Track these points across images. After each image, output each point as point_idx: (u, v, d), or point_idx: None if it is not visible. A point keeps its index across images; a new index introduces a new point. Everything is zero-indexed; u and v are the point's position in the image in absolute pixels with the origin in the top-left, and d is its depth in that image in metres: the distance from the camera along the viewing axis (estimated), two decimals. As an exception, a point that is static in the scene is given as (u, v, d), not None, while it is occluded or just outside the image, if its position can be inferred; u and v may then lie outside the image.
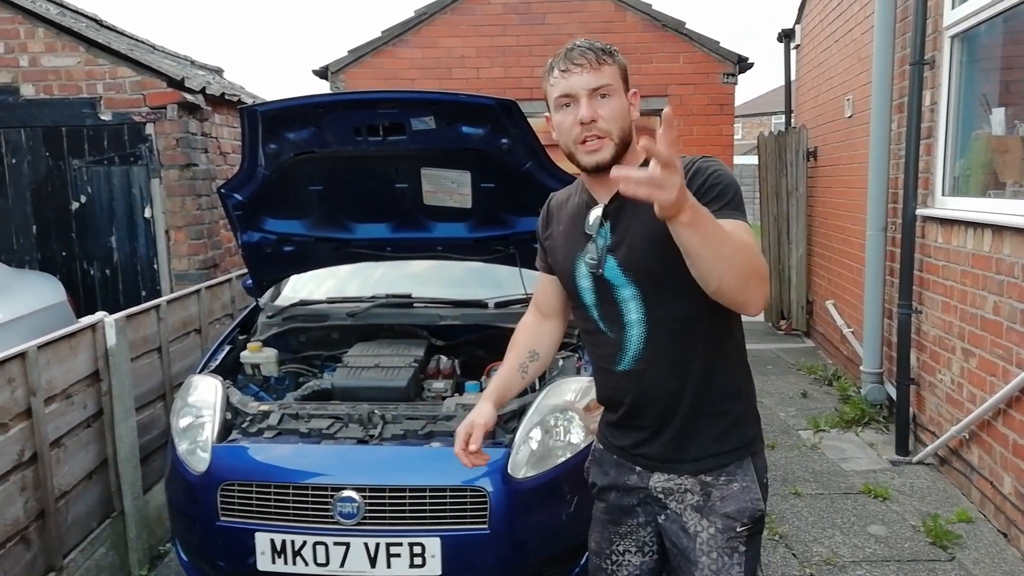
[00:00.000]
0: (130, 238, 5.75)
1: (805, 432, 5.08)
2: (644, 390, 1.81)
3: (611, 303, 1.79)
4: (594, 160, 1.71)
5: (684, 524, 1.82)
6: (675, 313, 1.74)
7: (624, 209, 1.73)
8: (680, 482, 1.82)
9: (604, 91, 1.69)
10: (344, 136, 2.95)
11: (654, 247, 1.66)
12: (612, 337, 1.81)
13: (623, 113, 1.72)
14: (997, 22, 4.00)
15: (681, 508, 1.83)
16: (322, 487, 2.58)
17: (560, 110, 1.73)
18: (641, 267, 1.72)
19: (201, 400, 2.96)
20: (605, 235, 1.77)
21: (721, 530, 1.79)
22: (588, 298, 1.83)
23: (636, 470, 1.89)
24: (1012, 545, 3.52)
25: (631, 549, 1.93)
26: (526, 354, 2.05)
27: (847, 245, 6.38)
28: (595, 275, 1.79)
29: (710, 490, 1.80)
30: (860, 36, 5.92)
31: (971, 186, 4.30)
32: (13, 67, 5.57)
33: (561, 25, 7.51)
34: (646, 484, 1.86)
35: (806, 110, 8.22)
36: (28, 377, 2.82)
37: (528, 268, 3.48)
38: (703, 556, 1.79)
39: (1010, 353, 3.54)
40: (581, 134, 1.69)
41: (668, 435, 1.82)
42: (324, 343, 3.64)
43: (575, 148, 1.73)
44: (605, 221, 1.77)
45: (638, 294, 1.75)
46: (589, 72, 1.68)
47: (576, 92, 1.69)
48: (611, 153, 1.70)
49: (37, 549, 2.86)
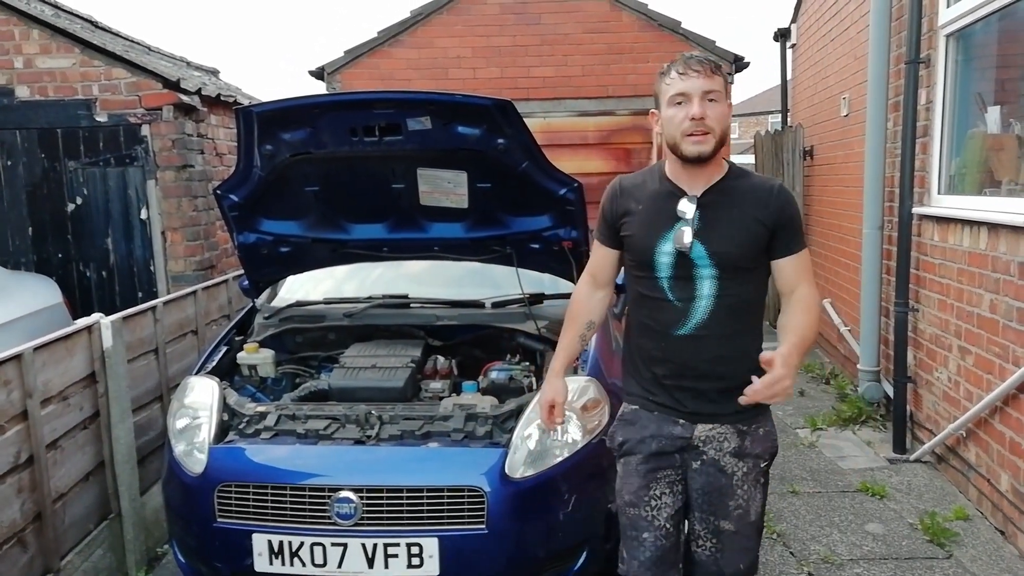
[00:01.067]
0: (126, 239, 5.74)
1: (803, 430, 5.08)
2: (698, 352, 2.14)
3: (687, 278, 2.11)
4: (697, 150, 2.04)
5: (722, 466, 2.17)
6: (739, 294, 2.12)
7: (717, 204, 2.11)
8: (721, 431, 2.18)
9: (713, 96, 2.03)
10: (340, 137, 2.95)
11: (740, 241, 2.08)
12: (679, 306, 2.13)
13: (725, 117, 2.07)
14: (992, 21, 4.01)
15: (719, 454, 2.17)
16: (319, 488, 2.58)
17: (673, 106, 2.06)
18: (724, 254, 2.08)
19: (198, 401, 2.95)
20: (695, 221, 2.09)
21: (752, 467, 2.18)
22: (664, 271, 2.13)
23: (680, 422, 2.20)
24: (1009, 542, 3.53)
25: (666, 492, 2.22)
26: (584, 325, 2.38)
27: (844, 244, 6.39)
28: (680, 252, 2.09)
29: (745, 436, 2.17)
30: (856, 35, 5.93)
31: (967, 184, 4.30)
32: (8, 69, 5.56)
33: (557, 25, 7.51)
34: (690, 434, 2.19)
35: (802, 109, 8.23)
36: (24, 379, 2.81)
37: (524, 268, 3.49)
38: (739, 489, 2.17)
39: (1007, 351, 3.54)
40: (691, 127, 2.02)
41: (716, 394, 2.15)
42: (321, 344, 3.64)
43: (681, 139, 2.05)
44: (697, 211, 2.10)
45: (716, 274, 2.10)
46: (704, 77, 2.02)
47: (691, 92, 2.02)
48: (711, 147, 2.04)
49: (34, 551, 2.86)
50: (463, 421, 2.78)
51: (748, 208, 2.09)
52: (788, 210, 2.11)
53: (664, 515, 2.21)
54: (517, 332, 3.41)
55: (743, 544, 2.22)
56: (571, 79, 7.60)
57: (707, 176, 2.11)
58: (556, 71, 7.56)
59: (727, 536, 2.20)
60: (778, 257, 2.13)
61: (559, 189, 3.10)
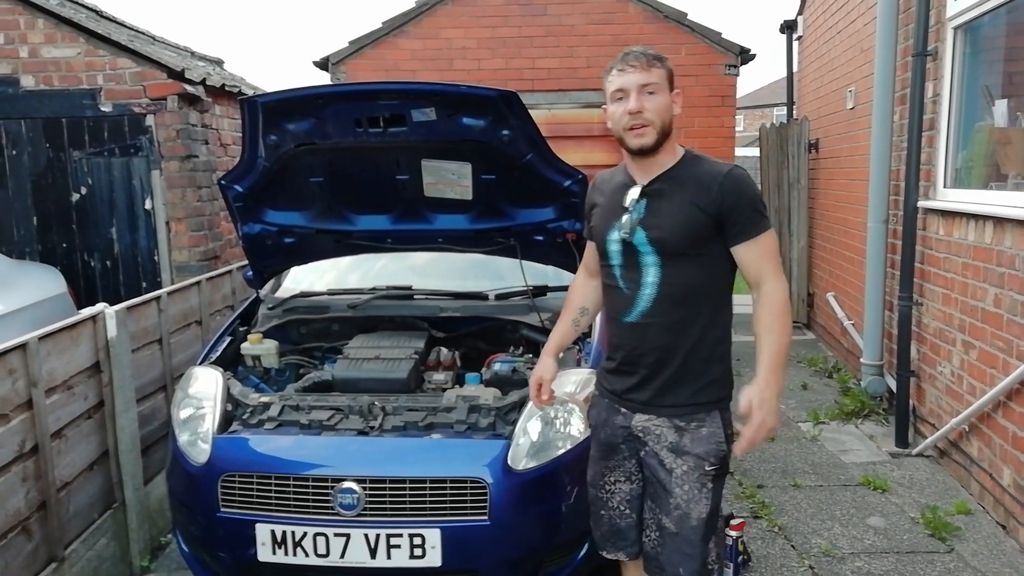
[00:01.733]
0: (131, 230, 5.75)
1: (805, 424, 5.09)
2: (644, 341, 2.19)
3: (634, 266, 2.17)
4: (638, 143, 2.11)
5: (661, 460, 2.19)
6: (684, 282, 2.13)
7: (662, 193, 2.15)
8: (658, 423, 2.20)
9: (651, 88, 2.09)
10: (345, 127, 2.94)
11: (680, 230, 2.10)
12: (628, 293, 2.19)
13: (665, 108, 2.11)
14: (1000, 13, 3.99)
15: (658, 447, 2.20)
16: (322, 478, 2.58)
17: (615, 102, 2.13)
18: (662, 240, 2.12)
19: (202, 391, 2.96)
20: (640, 210, 2.17)
21: (693, 467, 2.16)
22: (615, 259, 2.21)
23: (622, 411, 2.28)
24: (1011, 537, 3.53)
25: (620, 479, 2.32)
26: (578, 311, 2.49)
27: (848, 237, 6.37)
28: (625, 241, 2.16)
29: (682, 433, 2.18)
30: (863, 27, 5.90)
31: (973, 178, 4.29)
32: (13, 58, 5.56)
33: (562, 16, 7.48)
34: (629, 424, 2.25)
35: (808, 102, 8.20)
36: (29, 368, 2.82)
37: (528, 260, 3.49)
38: (677, 488, 2.17)
39: (1010, 345, 3.54)
40: (629, 122, 2.09)
41: (656, 384, 2.20)
42: (325, 335, 3.64)
43: (624, 133, 2.12)
44: (642, 199, 2.17)
45: (658, 262, 2.14)
46: (640, 72, 2.08)
47: (628, 87, 2.09)
48: (653, 139, 2.10)
49: (39, 540, 2.87)
50: (466, 413, 2.79)
51: (689, 195, 2.11)
52: (733, 196, 2.09)
53: (617, 499, 2.33)
54: (520, 324, 3.41)
55: (684, 549, 2.19)
56: (576, 70, 7.57)
57: (658, 165, 2.16)
58: (561, 62, 7.53)
59: (668, 535, 2.20)
60: (733, 244, 2.12)
61: (563, 181, 3.10)
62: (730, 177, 2.10)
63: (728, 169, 2.13)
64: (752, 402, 1.99)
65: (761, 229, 2.11)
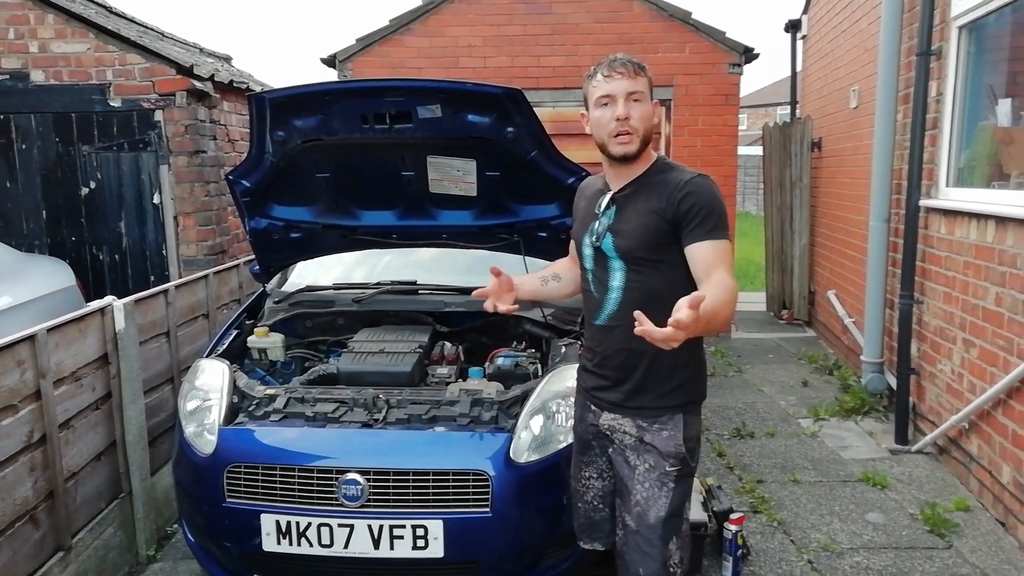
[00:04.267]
0: (139, 224, 5.80)
1: (805, 420, 5.11)
2: (612, 344, 2.24)
3: (602, 269, 2.23)
4: (623, 151, 2.12)
5: (626, 457, 2.25)
6: (647, 287, 2.15)
7: (629, 199, 2.19)
8: (622, 423, 2.26)
9: (637, 96, 2.10)
10: (351, 124, 2.97)
11: (643, 236, 2.13)
12: (597, 296, 2.26)
13: (648, 116, 2.14)
14: (1005, 12, 4.00)
15: (622, 445, 2.26)
16: (327, 470, 2.62)
17: (599, 107, 2.13)
18: (629, 247, 2.15)
19: (208, 384, 3.00)
20: (610, 216, 2.20)
21: (653, 466, 2.20)
22: (588, 263, 2.28)
23: (592, 409, 2.35)
24: (1010, 534, 3.55)
25: (593, 475, 2.40)
26: (551, 274, 2.60)
27: (850, 236, 6.39)
28: (595, 246, 2.22)
29: (643, 433, 2.22)
30: (867, 27, 5.91)
31: (975, 177, 4.31)
32: (23, 53, 5.60)
33: (567, 15, 7.50)
34: (598, 422, 2.33)
35: (811, 101, 8.20)
36: (37, 359, 2.86)
37: (532, 256, 3.52)
38: (638, 485, 2.22)
39: (1011, 344, 3.56)
40: (616, 128, 2.09)
41: (624, 388, 2.24)
42: (330, 328, 3.68)
43: (608, 140, 2.12)
44: (611, 205, 2.21)
45: (624, 267, 2.18)
46: (628, 79, 2.09)
47: (615, 93, 2.09)
48: (636, 147, 2.12)
49: (46, 528, 2.91)
50: (469, 406, 2.82)
51: (652, 202, 2.12)
52: (688, 201, 2.06)
53: (591, 494, 2.41)
54: (523, 319, 3.44)
55: (642, 547, 2.21)
56: (581, 68, 7.52)
57: (631, 172, 2.19)
58: (566, 60, 7.55)
59: (630, 533, 2.24)
60: (685, 244, 2.09)
61: (567, 178, 3.12)
62: (691, 183, 2.10)
63: (691, 176, 2.12)
64: (682, 319, 1.70)
65: (715, 235, 2.06)
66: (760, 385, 5.93)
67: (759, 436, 4.82)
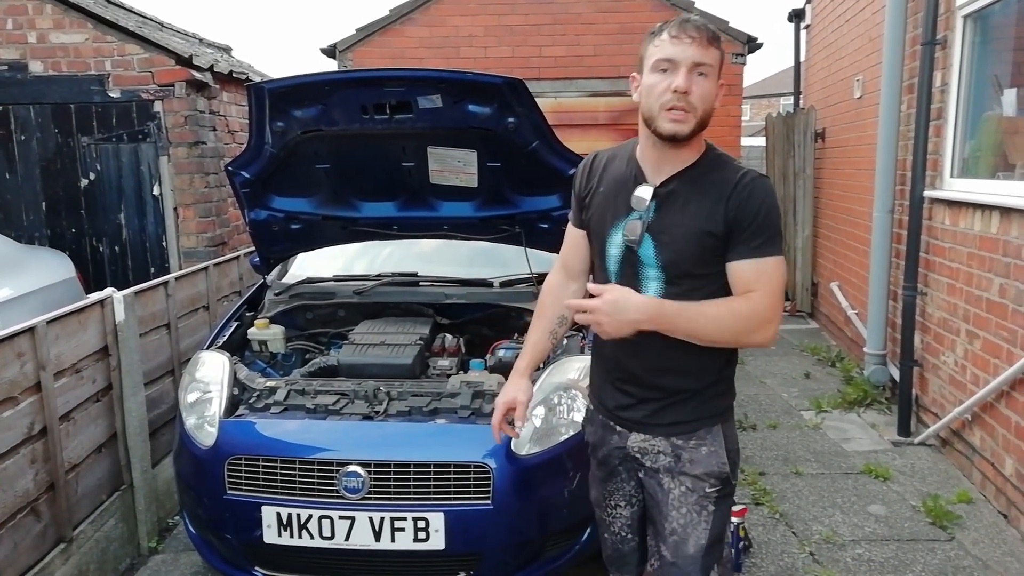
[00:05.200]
0: (139, 215, 5.78)
1: (807, 412, 5.10)
2: (637, 360, 1.92)
3: (633, 276, 1.87)
4: (673, 129, 1.75)
5: (660, 481, 1.96)
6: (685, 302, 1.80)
7: (676, 196, 1.83)
8: (654, 443, 1.96)
9: (704, 70, 1.74)
10: (351, 114, 2.95)
11: (694, 244, 1.80)
12: None
13: (712, 96, 1.77)
14: (1011, 2, 3.97)
15: (655, 467, 1.96)
16: (328, 462, 2.61)
17: (656, 72, 1.75)
18: (675, 258, 1.81)
19: (209, 376, 2.99)
20: (650, 214, 1.84)
21: (691, 489, 1.92)
22: (613, 266, 1.91)
23: (617, 430, 2.03)
24: (1012, 526, 3.55)
25: (620, 503, 2.09)
26: (555, 320, 2.14)
27: (853, 227, 6.36)
28: (629, 247, 1.86)
29: (680, 452, 1.93)
30: (871, 16, 5.88)
31: (980, 168, 4.28)
32: (21, 43, 5.58)
33: (569, 4, 7.46)
34: (624, 444, 2.01)
35: (815, 91, 8.16)
36: (37, 351, 2.85)
37: (533, 248, 3.50)
38: (673, 511, 1.93)
39: (1015, 335, 3.54)
40: (671, 101, 1.73)
41: (651, 406, 1.95)
42: (331, 320, 3.67)
43: (659, 113, 1.75)
44: (651, 201, 1.83)
45: (662, 277, 1.84)
46: (697, 47, 1.72)
47: (679, 60, 1.72)
48: (690, 129, 1.75)
49: (47, 520, 2.91)
50: (470, 398, 2.81)
51: (703, 204, 1.79)
52: (745, 208, 1.76)
53: (618, 524, 2.12)
54: (525, 311, 3.42)
55: None
56: (582, 59, 7.56)
57: (677, 161, 1.83)
58: (568, 51, 7.52)
59: (666, 565, 1.95)
60: (731, 260, 1.78)
61: (569, 168, 3.10)
62: (751, 186, 1.78)
63: (752, 176, 1.80)
64: (614, 293, 1.71)
65: (763, 252, 1.77)
66: (762, 377, 5.91)
67: (761, 428, 4.81)
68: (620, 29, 7.44)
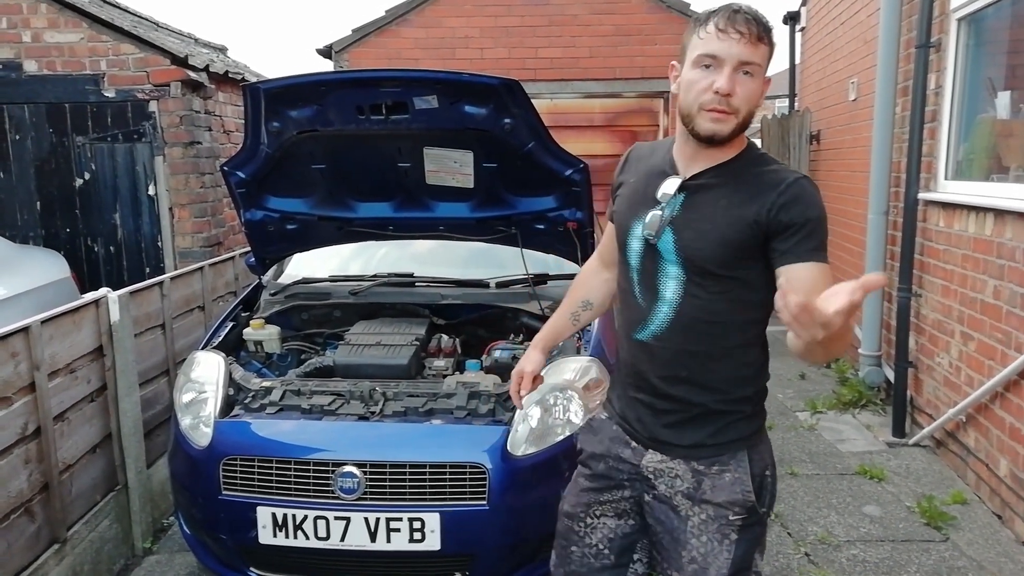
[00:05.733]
0: (134, 215, 5.77)
1: (802, 413, 5.11)
2: (655, 367, 1.79)
3: (653, 273, 1.76)
4: (712, 129, 1.65)
5: (675, 506, 1.80)
6: (709, 309, 1.72)
7: (706, 191, 1.71)
8: (672, 466, 1.80)
9: (750, 69, 1.62)
10: (347, 115, 2.95)
11: (720, 243, 1.67)
12: (642, 304, 1.79)
13: (757, 96, 1.67)
14: (1004, 5, 3.98)
15: (671, 492, 1.80)
16: (323, 462, 2.61)
17: (698, 68, 1.64)
18: (693, 251, 1.69)
19: (204, 376, 2.98)
20: (675, 208, 1.73)
21: (713, 517, 1.76)
22: (634, 260, 1.81)
23: (632, 445, 1.87)
24: (1006, 527, 3.56)
25: (608, 513, 1.92)
26: (579, 304, 2.10)
27: (848, 228, 6.38)
28: (647, 241, 1.75)
29: (701, 478, 1.77)
30: (866, 19, 5.89)
31: (974, 170, 4.29)
32: (16, 43, 5.56)
33: (565, 6, 7.47)
34: (638, 462, 1.85)
35: (810, 93, 8.18)
36: (32, 351, 2.84)
37: (529, 248, 3.50)
38: (693, 539, 1.77)
39: (1009, 337, 3.55)
40: (711, 102, 1.62)
41: (669, 418, 1.80)
42: (326, 321, 3.66)
43: (697, 111, 1.65)
44: (679, 194, 1.73)
45: (682, 276, 1.72)
46: (747, 44, 1.60)
47: (725, 58, 1.61)
48: (730, 129, 1.65)
49: (41, 521, 2.90)
50: (466, 399, 2.80)
51: (741, 200, 1.67)
52: (795, 209, 1.62)
53: (598, 535, 1.92)
54: (521, 312, 3.43)
55: None
56: (578, 60, 7.57)
57: (713, 157, 1.72)
58: (563, 52, 7.53)
59: None
60: (782, 263, 1.63)
61: (565, 170, 3.10)
62: (797, 186, 1.65)
63: (797, 177, 1.67)
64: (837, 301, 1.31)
65: (822, 256, 1.64)
66: (757, 378, 5.92)
67: (756, 429, 4.81)
68: (615, 31, 7.45)
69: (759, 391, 1.83)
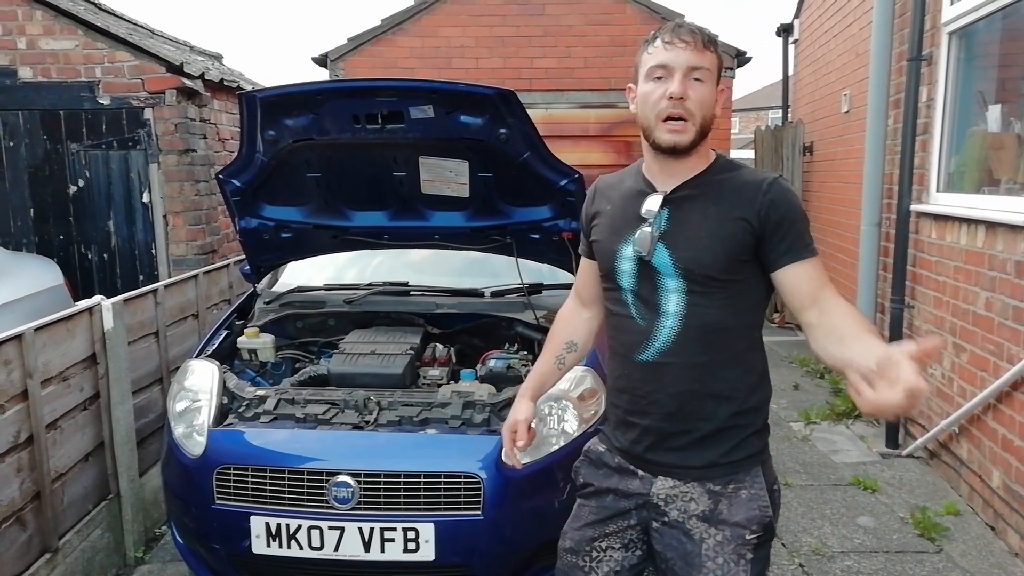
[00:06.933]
0: (128, 223, 5.76)
1: (796, 424, 5.12)
2: (662, 385, 1.78)
3: (651, 290, 1.76)
4: (672, 140, 1.69)
5: (688, 530, 1.76)
6: (714, 316, 1.73)
7: (690, 200, 1.74)
8: (685, 490, 1.78)
9: (700, 75, 1.67)
10: (343, 124, 2.95)
11: (717, 248, 1.69)
12: (642, 325, 1.79)
13: (710, 102, 1.70)
14: (995, 19, 4.02)
15: (684, 516, 1.77)
16: (317, 472, 2.60)
17: (651, 81, 1.70)
18: (692, 261, 1.71)
19: (198, 384, 2.97)
20: (660, 222, 1.75)
21: (730, 538, 1.74)
22: (626, 282, 1.80)
23: (639, 475, 1.84)
24: (999, 538, 3.56)
25: (615, 545, 1.88)
26: (563, 346, 2.09)
27: (841, 240, 6.41)
28: (641, 260, 1.76)
29: (718, 499, 1.75)
30: (858, 32, 5.94)
31: (965, 182, 4.32)
32: (11, 49, 5.56)
33: (560, 16, 7.51)
34: (648, 490, 1.82)
35: (803, 105, 8.24)
36: (25, 359, 2.83)
37: (524, 258, 3.51)
38: (708, 561, 1.74)
39: (1001, 349, 3.57)
40: (666, 109, 1.67)
41: (679, 441, 1.78)
42: (321, 329, 3.66)
43: (655, 124, 1.69)
44: (663, 208, 1.75)
45: (683, 287, 1.73)
46: (692, 51, 1.67)
47: (674, 66, 1.66)
48: (690, 138, 1.69)
49: (32, 530, 2.88)
50: (461, 408, 2.80)
51: (728, 205, 1.71)
52: (779, 209, 1.68)
53: (605, 569, 1.88)
54: (516, 321, 3.43)
55: None
56: (574, 71, 7.61)
57: (686, 169, 1.75)
58: (559, 62, 7.56)
59: None
60: (780, 265, 1.70)
61: (560, 180, 3.11)
62: (777, 186, 1.71)
63: (775, 176, 1.74)
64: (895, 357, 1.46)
65: (811, 252, 1.71)
66: (751, 388, 5.93)
67: (750, 439, 4.82)
68: (611, 41, 7.49)
69: (765, 399, 1.86)
